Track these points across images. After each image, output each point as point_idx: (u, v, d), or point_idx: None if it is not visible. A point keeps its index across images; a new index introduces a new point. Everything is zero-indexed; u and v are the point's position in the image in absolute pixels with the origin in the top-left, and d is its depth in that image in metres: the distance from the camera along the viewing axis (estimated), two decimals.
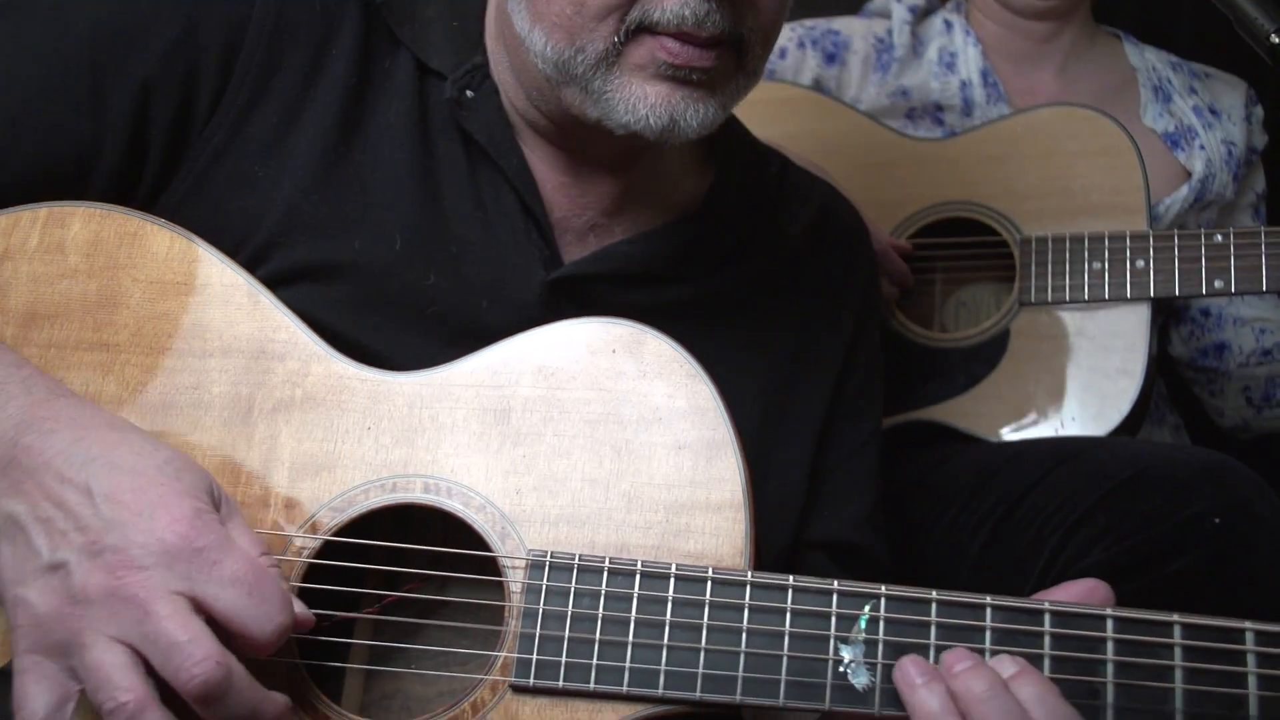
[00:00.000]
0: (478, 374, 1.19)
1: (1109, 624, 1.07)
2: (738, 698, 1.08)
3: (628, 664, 1.09)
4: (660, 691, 1.09)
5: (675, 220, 1.44)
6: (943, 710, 1.02)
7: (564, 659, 1.10)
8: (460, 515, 1.16)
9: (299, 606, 1.08)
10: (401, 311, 1.31)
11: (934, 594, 1.09)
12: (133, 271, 1.23)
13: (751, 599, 1.10)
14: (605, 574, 1.12)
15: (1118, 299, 1.97)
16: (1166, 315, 2.36)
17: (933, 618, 1.08)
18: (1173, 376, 2.44)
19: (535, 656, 1.11)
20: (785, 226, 1.53)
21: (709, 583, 1.10)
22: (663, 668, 1.09)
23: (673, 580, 1.11)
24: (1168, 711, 1.04)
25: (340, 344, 1.24)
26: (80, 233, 1.24)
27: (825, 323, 1.53)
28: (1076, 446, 1.81)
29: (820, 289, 1.54)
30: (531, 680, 1.10)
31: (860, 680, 1.07)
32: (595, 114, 1.26)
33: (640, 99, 1.23)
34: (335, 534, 1.16)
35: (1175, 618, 1.06)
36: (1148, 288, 1.96)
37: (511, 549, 1.14)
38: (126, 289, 1.23)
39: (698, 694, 1.08)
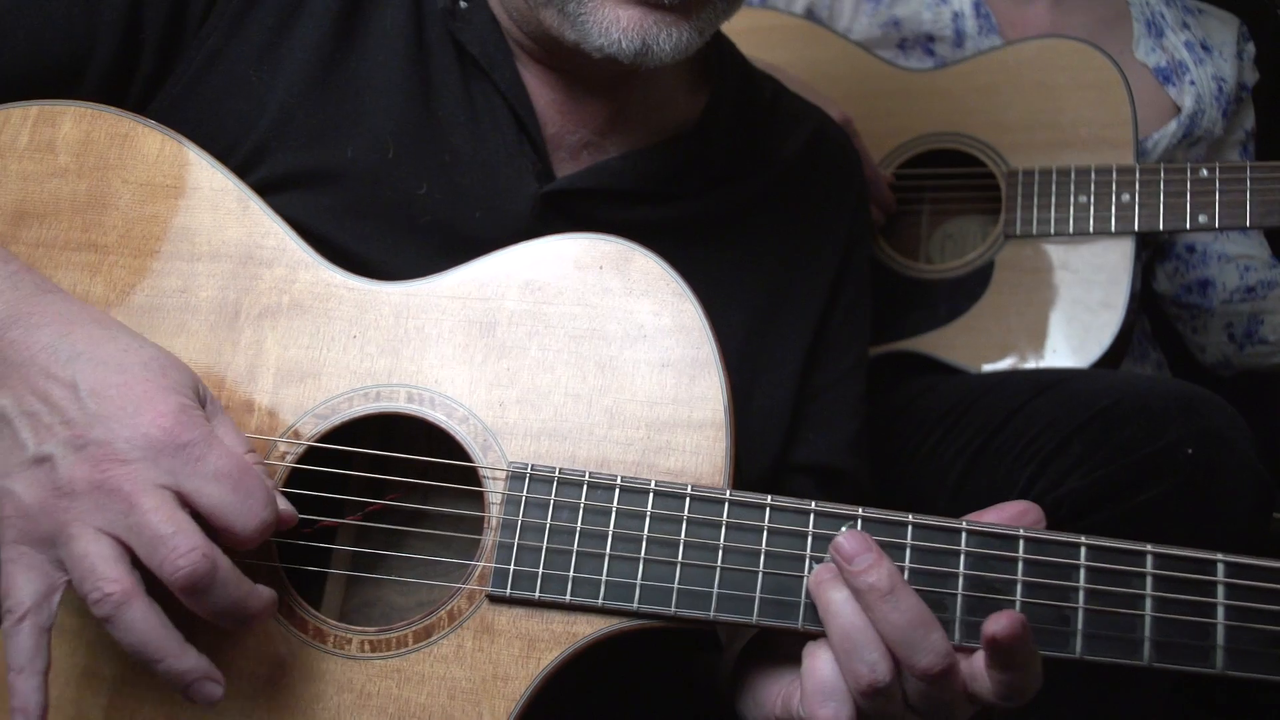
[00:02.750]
0: (465, 286, 1.20)
1: (1082, 551, 1.08)
2: (711, 614, 1.09)
3: (604, 577, 1.10)
4: (635, 606, 1.10)
5: (668, 140, 1.44)
6: (844, 598, 1.06)
7: (541, 570, 1.11)
8: (443, 426, 1.16)
9: (283, 504, 1.09)
10: (393, 220, 1.32)
11: (910, 517, 1.10)
12: (122, 173, 1.23)
13: (729, 517, 1.11)
14: (585, 488, 1.12)
15: (1102, 233, 1.98)
16: (1152, 252, 2.37)
17: (908, 540, 1.09)
18: (1157, 314, 2.45)
19: (512, 567, 1.11)
20: (777, 149, 1.54)
21: (687, 499, 1.11)
22: (638, 582, 1.10)
23: (651, 496, 1.12)
24: (1136, 639, 1.06)
25: (331, 252, 1.24)
26: (71, 132, 1.24)
27: (815, 246, 1.53)
28: (1055, 377, 1.82)
29: (810, 213, 1.54)
30: (508, 590, 1.11)
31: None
32: (572, 36, 1.26)
33: (613, 22, 1.23)
34: (319, 441, 1.16)
35: (1148, 547, 1.07)
36: (1132, 221, 1.97)
37: (493, 461, 1.15)
38: (116, 190, 1.23)
39: (672, 609, 1.10)
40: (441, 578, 1.20)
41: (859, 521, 1.10)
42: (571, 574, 1.11)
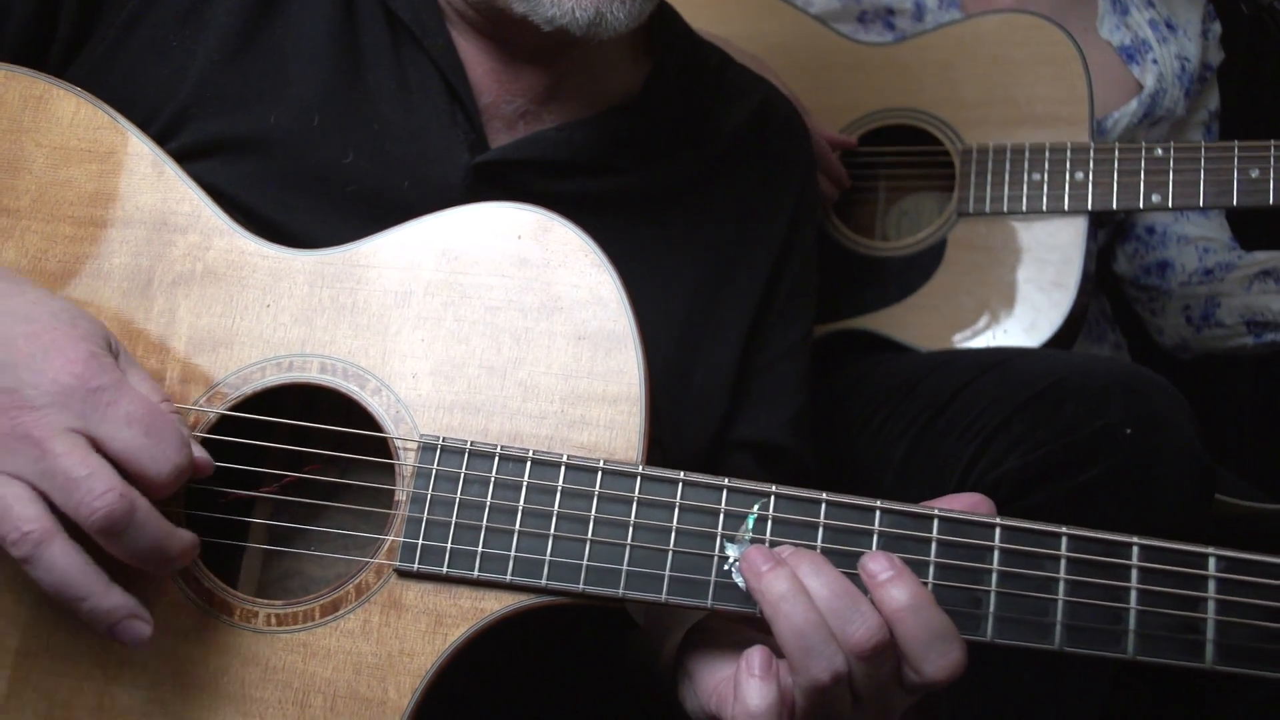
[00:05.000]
0: (381, 254, 1.18)
1: (997, 533, 1.06)
2: (620, 591, 1.08)
3: (513, 553, 1.09)
4: (544, 582, 1.08)
5: (609, 110, 1.42)
6: (794, 593, 1.02)
7: (449, 545, 1.09)
8: (355, 397, 1.14)
9: (199, 451, 1.07)
10: (318, 189, 1.29)
11: (824, 496, 1.08)
12: (36, 136, 1.21)
13: (641, 492, 1.09)
14: (496, 460, 1.10)
15: (1055, 211, 1.96)
16: (1112, 232, 2.35)
17: (821, 519, 1.07)
18: (1117, 295, 2.43)
19: (420, 541, 1.10)
20: (721, 122, 1.51)
21: (599, 474, 1.09)
22: (547, 558, 1.08)
23: (563, 470, 1.10)
24: (1048, 623, 1.04)
25: (255, 221, 1.22)
26: None
27: (759, 221, 1.51)
28: (1001, 356, 1.80)
29: (755, 188, 1.52)
30: (415, 565, 1.10)
31: (743, 579, 1.07)
32: (521, 9, 1.24)
33: None
34: (231, 410, 1.14)
35: (1063, 530, 1.05)
36: (1086, 200, 1.95)
37: (405, 433, 1.13)
38: (29, 153, 1.21)
39: (580, 586, 1.08)
40: (358, 551, 1.18)
41: (771, 499, 1.08)
42: (480, 549, 1.09)
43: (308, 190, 1.29)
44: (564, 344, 1.14)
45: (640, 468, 1.10)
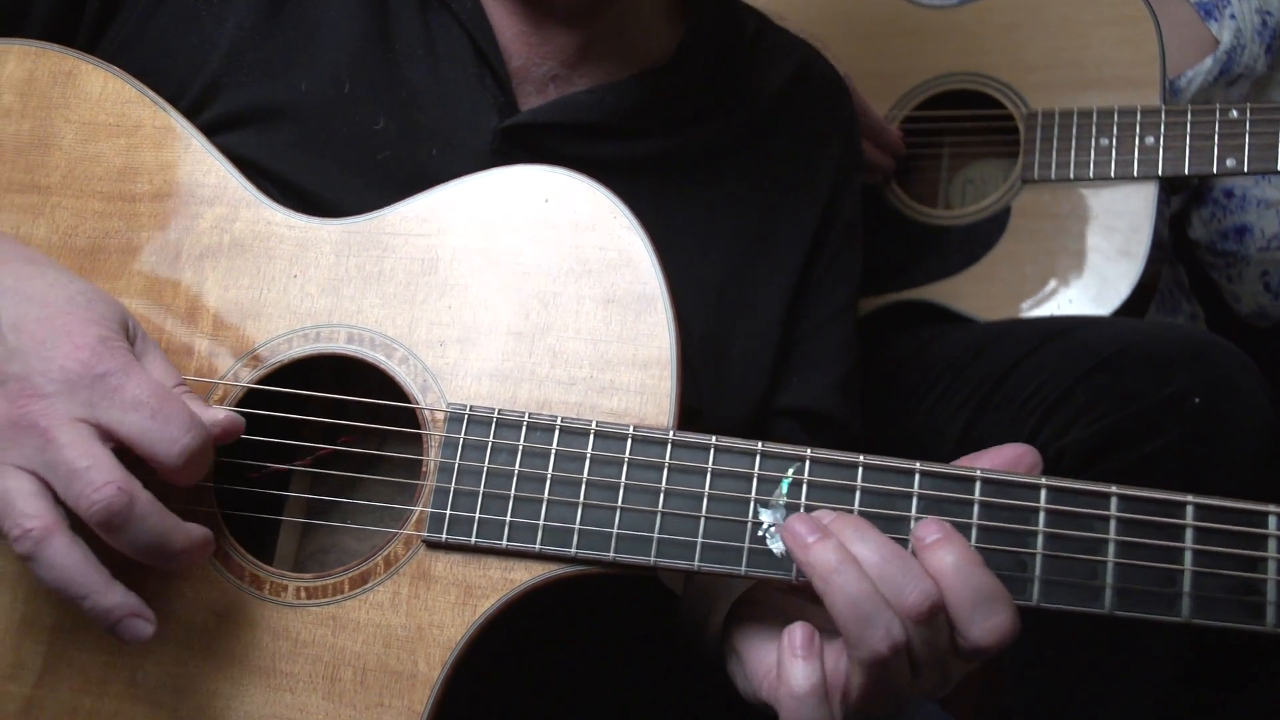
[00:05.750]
0: (407, 222, 1.15)
1: (1042, 494, 1.01)
2: (652, 559, 1.04)
3: (542, 522, 1.06)
4: (574, 551, 1.05)
5: (641, 73, 1.38)
6: (843, 562, 0.97)
7: (478, 515, 1.07)
8: (382, 366, 1.12)
9: (219, 414, 1.05)
10: (349, 156, 1.27)
11: (861, 458, 1.04)
12: (66, 112, 1.20)
13: (672, 458, 1.06)
14: (524, 429, 1.08)
15: (1124, 177, 1.89)
16: (1188, 198, 2.27)
17: (858, 483, 1.03)
18: (1193, 264, 2.35)
19: (449, 512, 1.07)
20: (759, 85, 1.47)
21: (629, 440, 1.06)
22: (577, 527, 1.06)
23: (592, 437, 1.07)
24: (1097, 586, 0.99)
25: (288, 190, 1.21)
26: (15, 71, 1.21)
27: (799, 185, 1.47)
28: (1063, 325, 1.75)
29: (795, 150, 1.48)
30: (444, 536, 1.07)
31: (778, 545, 1.03)
32: None
33: None
34: (259, 383, 1.13)
35: (1113, 489, 1.01)
36: (1156, 165, 1.88)
37: (432, 402, 1.10)
38: (59, 130, 1.20)
39: (611, 555, 1.05)
40: (395, 523, 1.16)
41: (807, 463, 1.04)
42: (509, 519, 1.07)
43: (340, 158, 1.27)
44: (593, 308, 1.11)
45: (671, 433, 1.06)
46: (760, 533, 1.04)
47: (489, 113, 1.30)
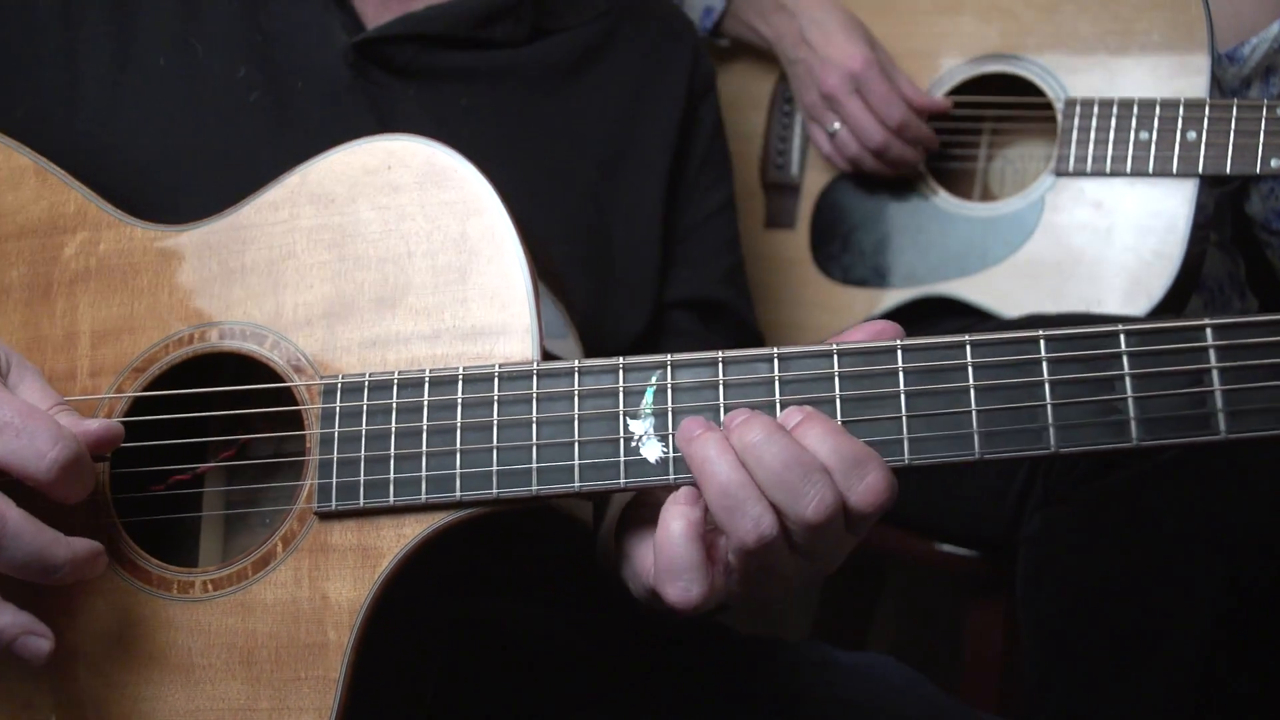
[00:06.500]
0: (261, 213, 1.17)
1: (899, 355, 1.02)
2: (534, 488, 1.05)
3: (424, 473, 1.07)
4: (458, 495, 1.06)
5: None
6: (719, 453, 0.97)
7: (362, 478, 1.08)
8: (255, 355, 1.14)
9: (93, 425, 1.06)
10: (226, 107, 1.33)
11: (720, 354, 1.04)
12: None
13: (539, 389, 1.06)
14: (395, 388, 1.09)
15: (1163, 173, 1.81)
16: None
17: (720, 378, 1.04)
18: (1255, 255, 2.21)
19: (335, 480, 1.08)
20: (597, 4, 1.55)
21: (495, 379, 1.07)
22: (458, 471, 1.06)
23: (460, 383, 1.08)
24: (966, 434, 0.99)
25: (180, 150, 1.29)
26: None
27: (654, 95, 1.55)
28: (1084, 321, 1.71)
29: (642, 66, 1.55)
30: (334, 504, 1.08)
31: (653, 452, 1.04)
32: None
33: None
34: (144, 391, 1.15)
35: (965, 338, 1.01)
36: (1196, 163, 1.78)
37: (307, 380, 1.12)
38: None
39: (494, 491, 1.05)
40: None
41: (668, 368, 1.05)
42: (392, 476, 1.07)
43: (218, 113, 1.33)
44: (448, 259, 1.12)
45: (536, 364, 1.07)
46: (634, 444, 1.04)
47: (338, 34, 1.37)
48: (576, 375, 1.06)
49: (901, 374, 1.01)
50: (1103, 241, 1.85)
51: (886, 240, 1.99)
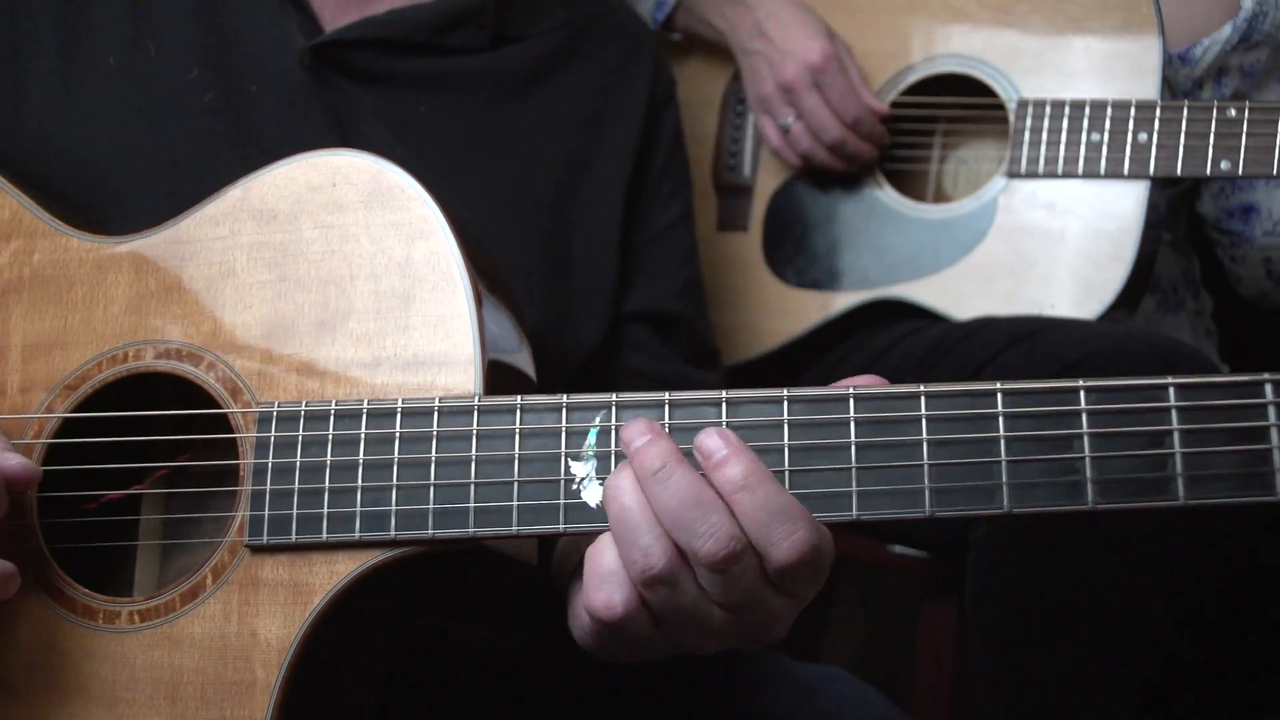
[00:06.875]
0: (201, 227, 1.13)
1: (851, 404, 0.98)
2: (471, 530, 1.01)
3: (358, 509, 1.03)
4: (393, 534, 1.02)
5: None
6: (626, 476, 0.95)
7: (295, 512, 1.04)
8: (191, 377, 1.10)
9: (12, 460, 1.02)
10: (175, 110, 1.29)
11: (666, 396, 1.00)
12: None
13: (480, 424, 1.03)
14: (332, 418, 1.05)
15: (1114, 175, 1.80)
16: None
17: (666, 420, 1.00)
18: (1209, 254, 2.21)
19: (267, 513, 1.05)
20: (561, 14, 1.51)
21: (435, 413, 1.03)
22: (393, 509, 1.03)
23: (399, 416, 1.04)
24: (917, 489, 0.96)
25: (139, 156, 1.25)
26: None
27: (612, 108, 1.51)
28: (1032, 326, 1.69)
29: (603, 77, 1.52)
30: (265, 538, 1.04)
31: (594, 496, 1.00)
32: None
33: None
34: (75, 411, 1.11)
35: (920, 389, 0.97)
36: (1148, 165, 1.77)
37: (244, 405, 1.08)
38: None
39: (430, 532, 1.02)
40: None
41: (612, 409, 1.01)
42: (326, 511, 1.04)
43: (165, 115, 1.29)
44: (391, 283, 1.08)
45: (477, 399, 1.03)
46: (574, 487, 1.01)
47: (294, 36, 1.33)
48: (519, 412, 1.03)
49: (853, 424, 0.97)
50: (1055, 243, 1.84)
51: (839, 242, 1.97)
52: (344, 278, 1.09)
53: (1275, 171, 1.72)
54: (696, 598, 0.95)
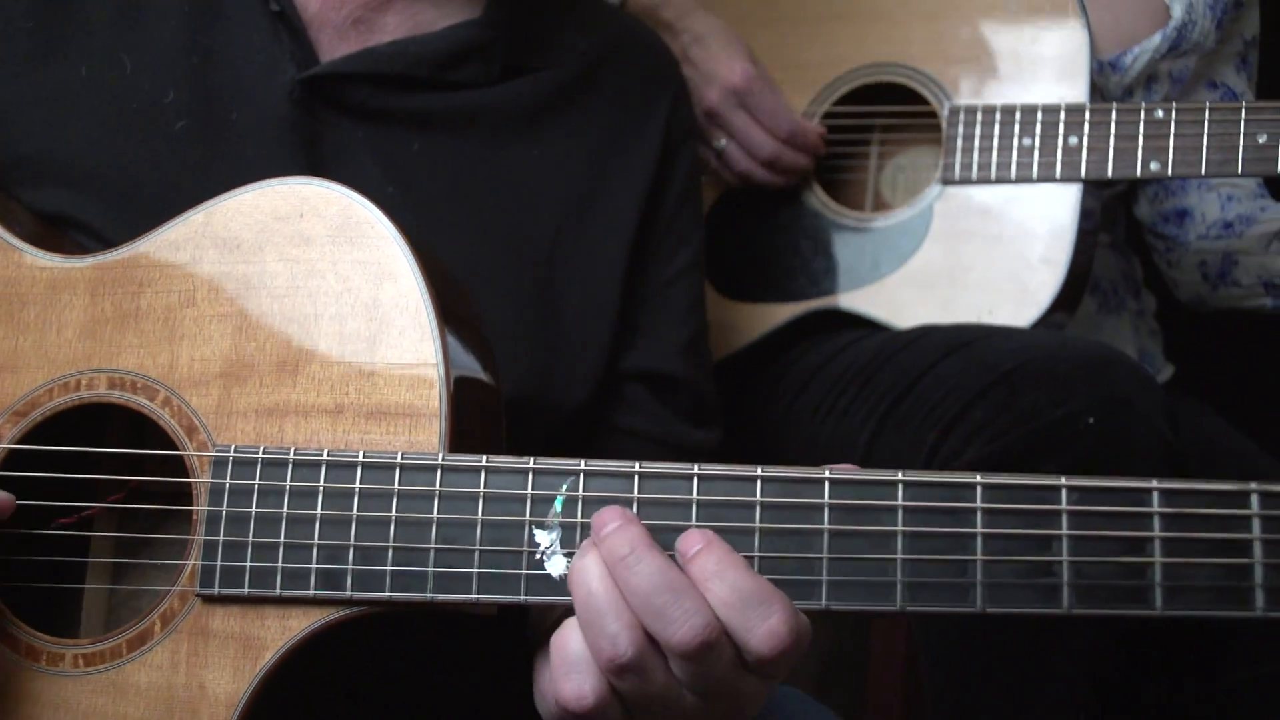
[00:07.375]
0: (161, 252, 1.09)
1: (825, 487, 0.95)
2: (429, 595, 0.98)
3: (314, 565, 1.00)
4: (348, 593, 0.99)
5: (452, 25, 1.32)
6: (594, 561, 0.92)
7: (249, 564, 1.01)
8: (145, 411, 1.06)
9: None
10: (145, 131, 1.22)
11: (637, 466, 0.97)
12: None
13: (443, 484, 0.99)
14: (290, 468, 1.01)
15: (1046, 179, 1.79)
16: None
17: (635, 494, 0.97)
18: (1149, 252, 2.24)
19: (219, 563, 1.01)
20: (576, 44, 1.42)
21: (397, 470, 1.00)
22: (350, 567, 0.99)
23: (360, 469, 1.00)
24: (888, 582, 0.93)
25: (91, 176, 1.19)
26: None
27: (627, 147, 1.42)
28: (969, 335, 1.67)
29: (620, 112, 1.43)
30: (216, 589, 1.01)
31: (557, 567, 0.97)
32: None
33: None
34: (20, 443, 1.07)
35: (899, 476, 0.94)
36: (1079, 168, 1.77)
37: (200, 446, 1.04)
38: None
39: (386, 593, 0.99)
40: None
41: (580, 477, 0.98)
42: (280, 565, 1.00)
43: (138, 137, 1.22)
44: (356, 326, 1.04)
45: (441, 457, 1.00)
46: (538, 556, 0.98)
47: (285, 64, 1.25)
48: (484, 474, 0.99)
49: (827, 510, 0.94)
50: (991, 248, 1.83)
51: (778, 255, 1.95)
52: (308, 316, 1.05)
53: (1204, 171, 1.72)
54: (666, 685, 0.92)
